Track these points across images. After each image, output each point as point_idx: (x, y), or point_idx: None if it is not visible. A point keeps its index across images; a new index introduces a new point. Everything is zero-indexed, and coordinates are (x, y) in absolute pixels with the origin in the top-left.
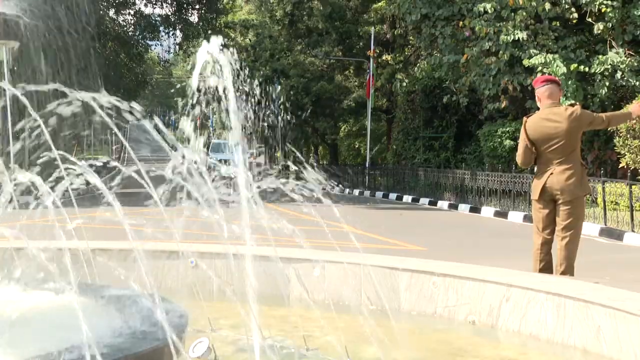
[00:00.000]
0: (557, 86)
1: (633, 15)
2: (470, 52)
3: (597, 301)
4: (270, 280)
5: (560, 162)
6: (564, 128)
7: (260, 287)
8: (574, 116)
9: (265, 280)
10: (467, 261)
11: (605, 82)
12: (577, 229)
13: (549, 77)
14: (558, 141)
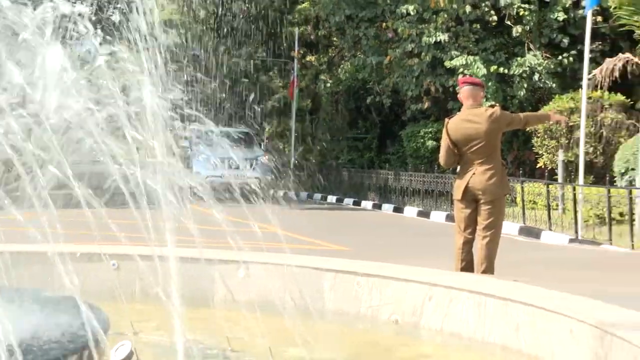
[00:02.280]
0: (480, 88)
1: (549, 19)
2: (393, 54)
3: (517, 299)
4: (194, 282)
5: (482, 163)
6: (483, 129)
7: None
8: (493, 117)
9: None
10: (391, 261)
11: (523, 84)
12: (498, 229)
13: (472, 78)
14: (478, 142)
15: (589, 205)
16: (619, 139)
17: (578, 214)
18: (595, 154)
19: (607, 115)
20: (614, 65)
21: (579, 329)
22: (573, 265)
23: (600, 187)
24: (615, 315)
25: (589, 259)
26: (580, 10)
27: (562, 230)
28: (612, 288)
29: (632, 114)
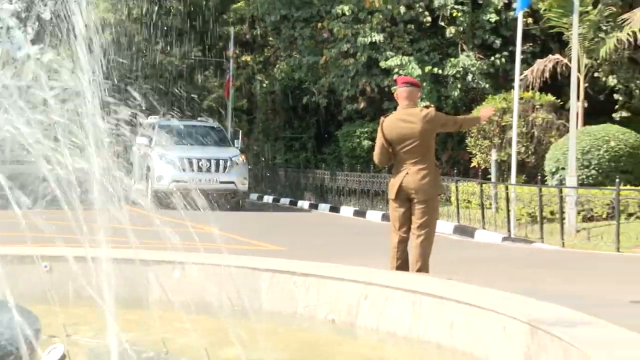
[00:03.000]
0: (417, 89)
1: (482, 20)
2: (329, 54)
3: (451, 297)
4: (129, 283)
5: (415, 162)
6: (418, 129)
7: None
8: (427, 118)
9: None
10: (328, 260)
11: (457, 84)
12: (432, 227)
13: (410, 79)
14: (412, 141)
15: (521, 204)
16: (550, 138)
17: (511, 213)
18: (527, 154)
19: (538, 115)
20: (545, 66)
21: (512, 325)
22: (506, 263)
23: (532, 186)
24: (546, 312)
25: (522, 257)
26: (511, 12)
27: (496, 229)
28: (544, 285)
29: (562, 114)
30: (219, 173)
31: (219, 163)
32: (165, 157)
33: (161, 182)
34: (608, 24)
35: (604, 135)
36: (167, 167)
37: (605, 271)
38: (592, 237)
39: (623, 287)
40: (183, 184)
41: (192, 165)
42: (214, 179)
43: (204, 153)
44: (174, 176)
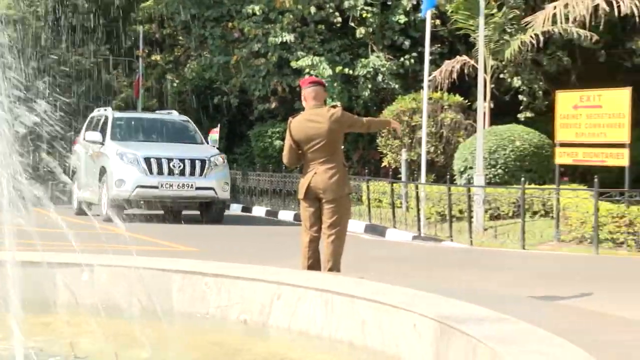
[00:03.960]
0: (323, 88)
1: (391, 21)
2: (240, 53)
3: (362, 296)
4: (35, 287)
5: (323, 162)
6: (325, 128)
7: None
8: (334, 118)
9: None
10: (240, 261)
11: (368, 85)
12: (343, 227)
13: (315, 78)
14: (319, 141)
15: (431, 203)
16: (458, 138)
17: (421, 212)
18: (437, 153)
19: (446, 115)
20: (452, 67)
21: (422, 323)
22: (416, 262)
23: (441, 185)
24: (455, 309)
25: (431, 255)
26: (420, 13)
27: (406, 228)
28: (453, 283)
29: (469, 114)
30: (195, 177)
31: (195, 164)
32: (126, 156)
33: (122, 188)
34: (512, 26)
35: (510, 135)
36: (130, 169)
37: (511, 268)
38: (499, 235)
39: (528, 284)
40: (150, 190)
41: (162, 167)
42: (189, 184)
43: (176, 152)
44: (138, 180)
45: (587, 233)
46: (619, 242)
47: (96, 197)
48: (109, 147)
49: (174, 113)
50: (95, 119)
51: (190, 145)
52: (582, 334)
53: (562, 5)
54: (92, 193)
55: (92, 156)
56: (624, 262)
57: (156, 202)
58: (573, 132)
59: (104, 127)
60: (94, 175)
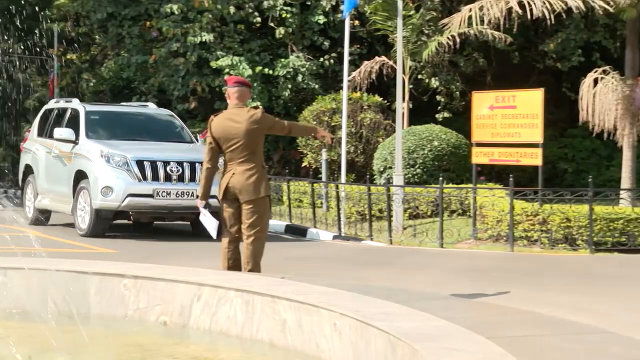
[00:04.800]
0: (248, 89)
1: (311, 22)
2: (158, 53)
3: (283, 296)
4: None
5: (242, 162)
6: (243, 129)
7: None
8: (253, 118)
9: None
10: (160, 262)
11: (287, 85)
12: (262, 228)
13: (241, 78)
14: (237, 141)
15: (351, 202)
16: (378, 138)
17: (341, 212)
18: (356, 153)
19: (366, 115)
20: (371, 68)
21: (342, 322)
22: (337, 261)
23: (361, 185)
24: (375, 308)
25: (352, 254)
26: (339, 14)
27: (327, 228)
28: (373, 282)
29: (388, 115)
30: (196, 183)
31: (195, 169)
32: (113, 159)
33: (110, 197)
34: (430, 28)
35: (428, 135)
36: (119, 175)
37: (430, 266)
38: (418, 234)
39: (446, 281)
40: (144, 200)
41: (157, 171)
42: (188, 192)
43: (171, 153)
44: (129, 188)
45: (503, 231)
46: (533, 239)
47: (67, 206)
48: (87, 147)
49: (151, 105)
50: (55, 113)
51: (183, 145)
52: (498, 330)
53: (477, 8)
54: (59, 202)
55: (59, 157)
56: (538, 259)
57: (148, 213)
58: (489, 132)
59: (73, 123)
60: (63, 181)
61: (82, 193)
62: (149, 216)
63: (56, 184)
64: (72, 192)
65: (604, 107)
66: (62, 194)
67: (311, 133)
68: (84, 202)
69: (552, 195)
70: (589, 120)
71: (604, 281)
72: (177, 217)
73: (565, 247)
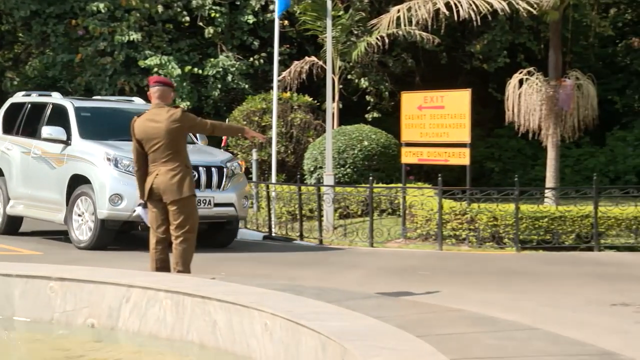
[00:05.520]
0: (169, 88)
1: (240, 21)
2: (85, 52)
3: (214, 296)
4: None
5: (165, 162)
6: (163, 128)
7: None
8: (173, 117)
9: None
10: (87, 264)
11: (217, 84)
12: (190, 228)
13: (161, 78)
14: (159, 141)
15: (282, 202)
16: (308, 138)
17: (271, 212)
18: (287, 153)
19: (296, 115)
20: (301, 68)
21: (273, 322)
22: (268, 261)
23: (291, 185)
24: (305, 308)
25: (282, 254)
26: (269, 14)
27: (257, 228)
28: (303, 281)
29: (318, 115)
30: (213, 190)
31: (212, 173)
32: (122, 163)
33: (120, 207)
34: (359, 28)
35: (358, 135)
36: (130, 182)
37: (360, 266)
38: (348, 233)
39: (376, 280)
40: None
41: None
42: (206, 200)
43: None
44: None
45: (431, 230)
46: (462, 238)
47: (57, 214)
48: (85, 149)
49: (138, 100)
50: (28, 108)
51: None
52: (428, 328)
53: (405, 9)
54: (44, 209)
55: (44, 159)
56: (466, 257)
57: None
58: (418, 132)
59: (56, 120)
60: (51, 186)
61: (81, 200)
62: None
63: (39, 189)
64: (65, 199)
65: (529, 107)
66: (48, 201)
67: (238, 133)
68: (84, 211)
69: (480, 194)
70: (515, 120)
71: (530, 279)
72: None
73: (492, 246)
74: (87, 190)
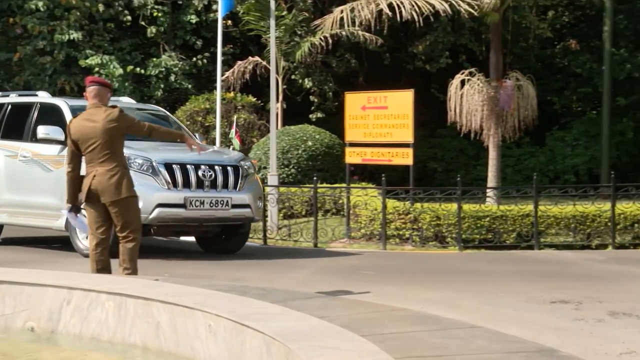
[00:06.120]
0: (107, 89)
1: (183, 21)
2: (24, 51)
3: (157, 298)
4: None
5: (102, 163)
6: (100, 128)
7: None
8: (109, 117)
9: None
10: (27, 266)
11: (160, 84)
12: (135, 228)
13: (97, 78)
14: (95, 141)
15: None
16: (252, 138)
17: None
18: None
19: (240, 115)
20: (245, 68)
21: (217, 323)
22: (212, 262)
23: None
24: (249, 308)
25: (226, 255)
26: (212, 13)
27: None
28: (247, 282)
29: (262, 115)
30: (229, 190)
31: (228, 173)
32: (135, 162)
33: None
34: (302, 28)
35: (302, 135)
36: (145, 182)
37: (304, 266)
38: (293, 234)
39: (321, 280)
40: (175, 211)
41: (189, 177)
42: (223, 201)
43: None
44: (159, 197)
45: (375, 230)
46: (405, 238)
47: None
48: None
49: (126, 99)
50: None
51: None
52: (372, 328)
53: (348, 9)
54: (38, 216)
55: (37, 162)
56: (410, 257)
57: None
58: (361, 133)
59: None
60: (47, 191)
61: None
62: (172, 230)
63: (31, 195)
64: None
65: (470, 108)
66: (42, 207)
67: (177, 139)
68: None
69: (423, 194)
70: (457, 120)
71: (472, 277)
72: (202, 231)
73: (435, 245)
74: None
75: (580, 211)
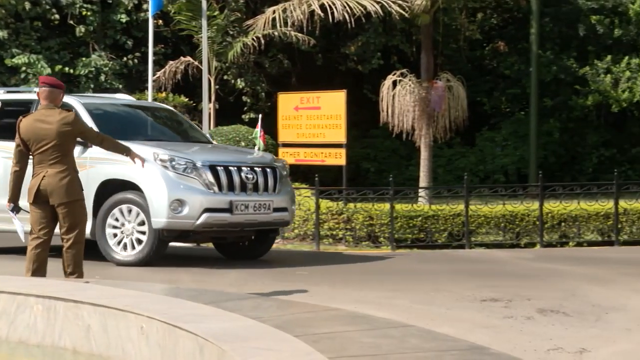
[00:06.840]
0: (60, 90)
1: (113, 20)
2: None
3: (87, 300)
4: None
5: (53, 165)
6: (54, 129)
7: None
8: (64, 120)
9: None
10: None
11: (90, 84)
12: (80, 231)
13: (50, 79)
14: (47, 142)
15: None
16: None
17: None
18: None
19: None
20: (177, 68)
21: (149, 325)
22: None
23: None
24: (182, 310)
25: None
26: (142, 13)
27: None
28: (180, 283)
29: (195, 115)
30: (269, 193)
31: (267, 175)
32: (178, 163)
33: (182, 214)
34: (235, 28)
35: (235, 135)
36: (191, 185)
37: (237, 267)
38: None
39: (253, 281)
40: (221, 215)
41: (232, 179)
42: (265, 205)
43: (234, 156)
44: (206, 201)
45: (309, 230)
46: (339, 238)
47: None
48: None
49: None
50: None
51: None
52: (305, 328)
53: (280, 10)
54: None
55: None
56: (343, 257)
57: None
58: (294, 133)
59: None
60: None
61: (120, 210)
62: (212, 235)
63: None
64: (93, 209)
65: (402, 108)
66: None
67: (123, 152)
68: (127, 221)
69: (356, 194)
70: (389, 121)
71: (405, 277)
72: (238, 236)
73: (368, 245)
74: (130, 197)
75: (509, 210)
